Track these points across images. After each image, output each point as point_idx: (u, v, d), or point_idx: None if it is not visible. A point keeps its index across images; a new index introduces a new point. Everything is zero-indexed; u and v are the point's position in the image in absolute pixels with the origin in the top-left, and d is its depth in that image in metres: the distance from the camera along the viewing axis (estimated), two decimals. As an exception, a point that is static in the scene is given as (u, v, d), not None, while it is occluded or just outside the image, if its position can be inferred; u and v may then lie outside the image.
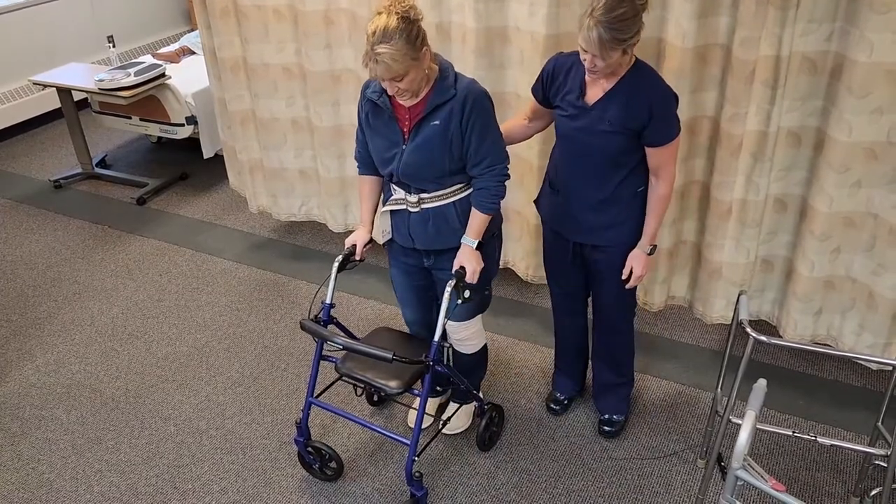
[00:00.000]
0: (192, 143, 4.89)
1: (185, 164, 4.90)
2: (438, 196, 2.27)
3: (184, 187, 4.67)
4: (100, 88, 4.18)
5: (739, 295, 2.23)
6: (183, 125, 4.45)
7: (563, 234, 2.48)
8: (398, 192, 2.32)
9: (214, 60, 3.57)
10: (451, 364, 2.73)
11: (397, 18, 2.00)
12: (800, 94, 2.51)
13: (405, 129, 2.22)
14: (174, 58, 5.02)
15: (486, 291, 2.49)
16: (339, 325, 2.56)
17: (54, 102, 5.30)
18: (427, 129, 2.17)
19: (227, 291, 3.67)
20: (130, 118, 4.60)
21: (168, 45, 5.91)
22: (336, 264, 2.43)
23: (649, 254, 2.37)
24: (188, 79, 4.55)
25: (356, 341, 2.35)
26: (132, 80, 4.15)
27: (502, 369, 3.12)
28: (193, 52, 5.13)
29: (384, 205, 2.39)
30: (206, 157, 4.60)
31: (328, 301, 2.47)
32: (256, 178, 3.77)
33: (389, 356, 2.16)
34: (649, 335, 3.28)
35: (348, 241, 2.47)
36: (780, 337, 3.16)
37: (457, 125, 2.15)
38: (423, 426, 2.75)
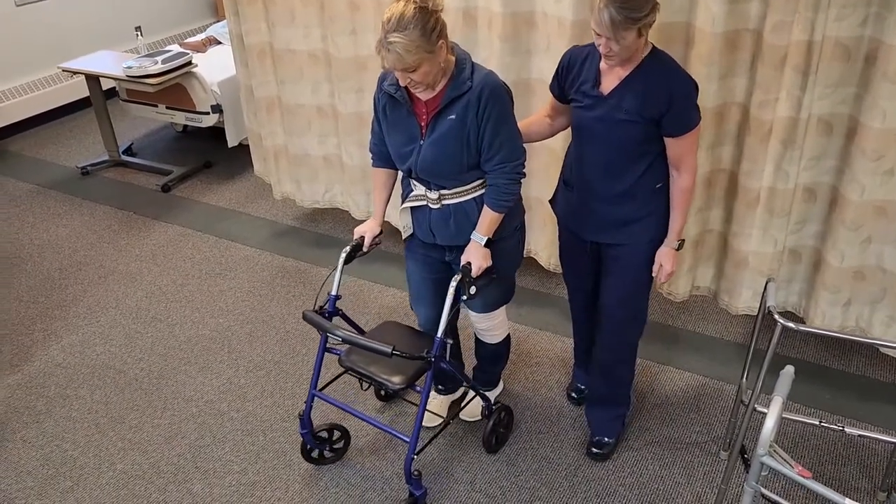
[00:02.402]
0: (217, 133, 4.93)
1: (209, 152, 4.94)
2: (459, 192, 2.22)
3: (208, 175, 4.71)
4: (127, 76, 4.22)
5: (767, 282, 2.19)
6: (208, 113, 4.49)
7: (578, 234, 2.41)
8: (418, 189, 2.27)
9: (241, 47, 3.59)
10: (475, 353, 2.71)
11: (414, 7, 1.93)
12: (832, 80, 2.46)
13: (423, 124, 2.15)
14: (200, 47, 5.06)
15: (508, 283, 2.45)
16: (345, 317, 2.50)
17: (83, 91, 5.37)
18: (444, 124, 2.11)
19: (250, 277, 3.68)
20: (157, 106, 4.65)
21: (195, 35, 5.96)
22: (343, 255, 2.37)
23: (677, 249, 2.30)
24: (214, 68, 4.59)
25: (360, 335, 2.33)
26: (159, 67, 4.19)
27: (524, 358, 3.10)
28: (220, 42, 5.17)
29: (403, 200, 2.34)
30: (230, 145, 4.63)
31: (334, 292, 2.42)
32: (281, 165, 3.79)
33: (388, 350, 2.11)
34: (672, 327, 3.24)
35: (357, 232, 2.41)
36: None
37: (473, 119, 2.08)
38: (434, 425, 2.73)
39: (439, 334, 2.25)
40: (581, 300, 2.65)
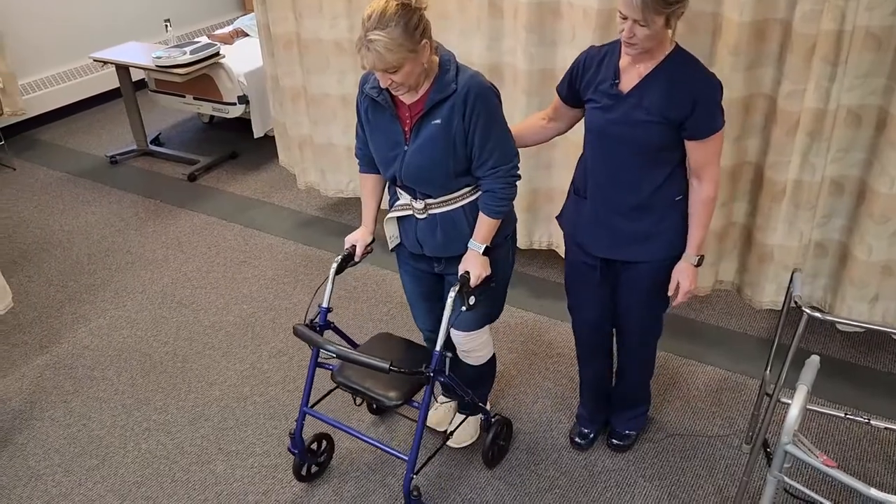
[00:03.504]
0: (243, 124, 4.98)
1: (235, 143, 4.99)
2: (445, 201, 2.10)
3: (233, 166, 4.76)
4: (157, 65, 4.28)
5: (794, 272, 2.17)
6: (235, 104, 4.54)
7: (588, 249, 2.23)
8: (404, 197, 2.17)
9: (268, 36, 3.63)
10: (452, 373, 2.54)
11: (396, 4, 1.82)
12: (862, 70, 2.43)
13: (407, 129, 2.04)
14: (228, 39, 5.11)
15: (499, 295, 2.33)
16: (336, 330, 2.40)
17: (112, 83, 5.45)
18: (428, 129, 1.99)
19: (274, 265, 3.72)
20: (185, 97, 4.70)
21: (223, 28, 6.02)
22: (334, 266, 2.26)
23: (696, 265, 2.14)
24: (241, 59, 4.64)
25: (354, 349, 2.24)
26: (188, 57, 4.24)
27: (544, 349, 3.10)
28: (247, 35, 5.22)
29: (390, 209, 2.24)
30: (256, 136, 4.68)
31: (325, 305, 2.31)
32: (306, 155, 3.82)
33: (386, 366, 2.00)
34: (695, 321, 3.22)
35: (348, 241, 2.31)
36: (833, 325, 3.08)
37: (459, 123, 1.97)
38: (443, 430, 2.65)
39: (437, 348, 2.14)
40: (590, 339, 2.45)
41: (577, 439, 2.64)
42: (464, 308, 2.13)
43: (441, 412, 2.71)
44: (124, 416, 2.85)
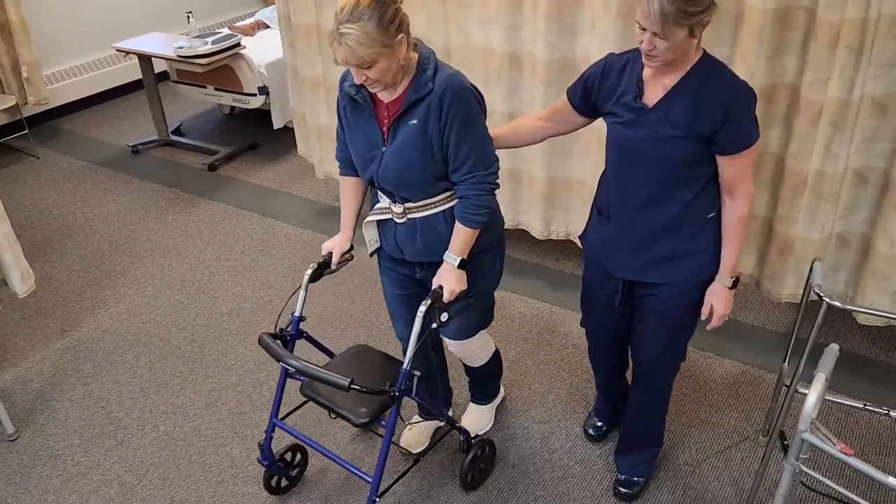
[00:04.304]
0: (262, 116, 5.01)
1: (254, 134, 5.03)
2: (425, 205, 2.01)
3: (253, 156, 4.79)
4: (178, 55, 4.32)
5: (813, 261, 2.15)
6: (255, 95, 4.57)
7: (610, 271, 2.09)
8: (383, 200, 2.08)
9: (289, 26, 3.65)
10: (465, 370, 2.51)
11: None
12: (887, 59, 2.39)
13: (385, 129, 1.95)
14: (249, 31, 5.15)
15: (487, 304, 2.26)
16: (310, 339, 2.30)
17: (134, 74, 5.51)
18: (405, 130, 1.91)
19: (291, 254, 3.74)
20: (206, 87, 4.74)
21: (244, 20, 6.06)
22: (308, 273, 2.16)
23: (731, 287, 1.98)
24: (262, 50, 4.66)
25: (330, 358, 2.13)
26: (209, 48, 4.27)
27: (560, 340, 3.09)
28: (268, 27, 5.26)
29: (370, 212, 2.15)
30: (275, 127, 4.71)
31: (297, 314, 2.21)
32: (324, 144, 3.84)
33: (346, 384, 1.87)
34: (713, 314, 3.19)
35: (324, 248, 2.21)
36: (853, 318, 3.04)
37: (435, 125, 1.87)
38: (417, 452, 2.51)
39: (405, 366, 2.01)
40: (604, 355, 2.35)
41: (590, 431, 2.61)
42: (434, 325, 1.99)
43: (414, 433, 2.57)
44: (142, 398, 2.88)
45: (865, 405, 2.11)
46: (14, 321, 3.34)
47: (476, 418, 2.64)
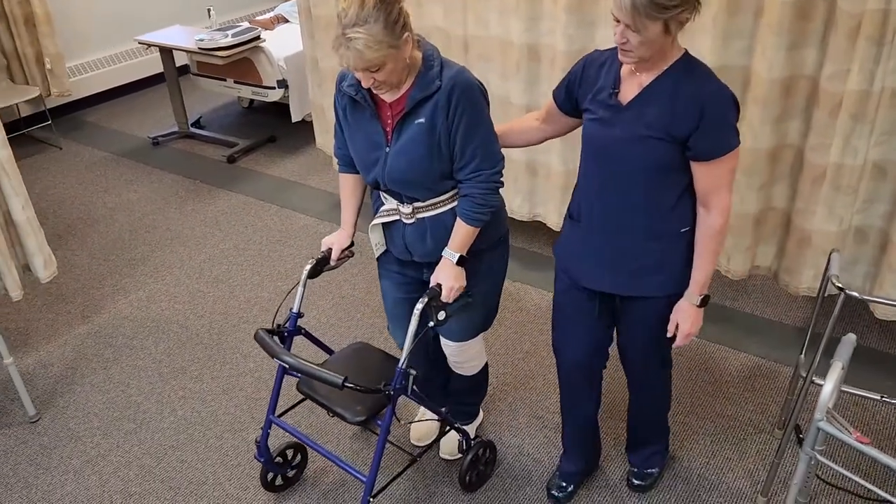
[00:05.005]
0: (281, 109, 5.06)
1: (273, 127, 5.07)
2: (434, 204, 1.97)
3: (271, 149, 4.83)
4: (199, 48, 4.36)
5: (831, 252, 2.14)
6: (274, 88, 4.60)
7: (581, 281, 2.00)
8: (390, 202, 2.03)
9: (309, 18, 3.67)
10: (450, 384, 2.44)
11: None
12: (908, 51, 2.38)
13: (388, 129, 1.91)
14: (269, 25, 5.19)
15: (492, 303, 2.21)
16: (308, 335, 2.27)
17: (155, 67, 5.57)
18: (410, 129, 1.87)
19: (308, 245, 3.78)
20: (225, 80, 4.79)
21: (264, 14, 6.11)
22: (307, 269, 2.13)
23: (699, 306, 1.91)
24: (281, 44, 4.70)
25: (329, 355, 2.12)
26: (229, 40, 4.32)
27: (575, 331, 3.09)
28: (288, 21, 5.30)
29: (374, 214, 2.10)
30: (294, 120, 4.75)
31: (295, 310, 2.17)
32: (342, 136, 3.86)
33: (339, 381, 1.84)
34: (729, 309, 3.18)
35: (324, 244, 2.18)
36: (870, 312, 3.02)
37: (443, 122, 1.84)
38: (424, 444, 2.47)
39: (401, 364, 1.98)
40: (576, 380, 2.18)
41: (553, 491, 2.36)
42: (431, 324, 1.96)
43: (424, 426, 2.55)
44: (161, 383, 2.92)
45: (882, 397, 2.10)
46: (36, 307, 3.40)
47: (450, 440, 2.51)
